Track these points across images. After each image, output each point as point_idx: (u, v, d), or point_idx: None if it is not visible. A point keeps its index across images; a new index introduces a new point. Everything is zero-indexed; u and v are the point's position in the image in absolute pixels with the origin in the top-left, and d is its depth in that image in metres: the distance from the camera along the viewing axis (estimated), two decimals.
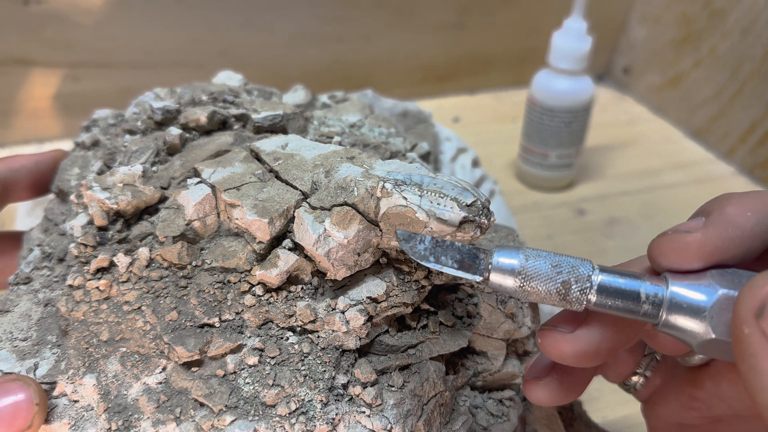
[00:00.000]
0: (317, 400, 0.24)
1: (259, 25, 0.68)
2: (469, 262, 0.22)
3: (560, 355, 0.22)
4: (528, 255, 0.21)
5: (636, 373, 0.28)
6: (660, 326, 0.21)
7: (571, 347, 0.22)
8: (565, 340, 0.22)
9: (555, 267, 0.21)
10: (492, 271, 0.21)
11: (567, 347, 0.22)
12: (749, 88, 0.65)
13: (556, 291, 0.21)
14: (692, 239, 0.20)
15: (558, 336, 0.22)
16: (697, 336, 0.20)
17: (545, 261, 0.21)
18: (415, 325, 0.27)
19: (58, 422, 0.24)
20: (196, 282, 0.25)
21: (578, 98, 0.58)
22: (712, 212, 0.21)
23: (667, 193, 0.63)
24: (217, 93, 0.34)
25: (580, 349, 0.22)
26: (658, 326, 0.21)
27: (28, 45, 0.62)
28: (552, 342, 0.22)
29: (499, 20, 0.77)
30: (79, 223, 0.26)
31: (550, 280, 0.21)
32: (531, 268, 0.21)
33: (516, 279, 0.21)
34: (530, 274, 0.21)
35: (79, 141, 0.32)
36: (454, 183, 0.24)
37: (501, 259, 0.21)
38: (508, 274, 0.21)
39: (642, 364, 0.28)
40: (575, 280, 0.21)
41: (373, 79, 0.75)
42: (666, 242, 0.21)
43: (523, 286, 0.21)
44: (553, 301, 0.21)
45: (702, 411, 0.26)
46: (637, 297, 0.21)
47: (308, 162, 0.27)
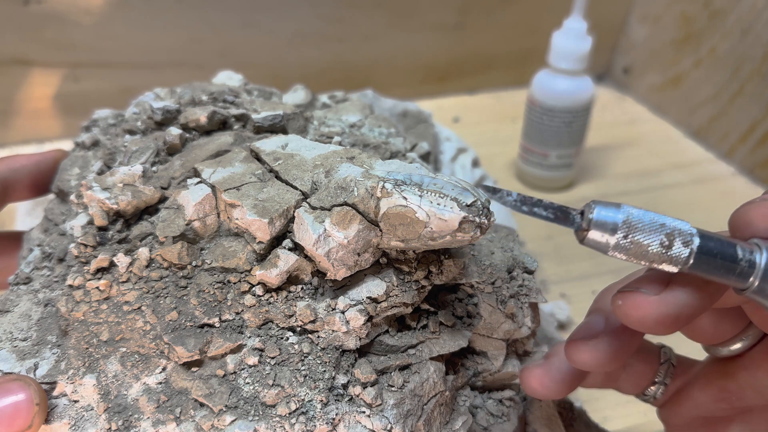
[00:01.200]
0: (317, 400, 0.24)
1: (259, 25, 0.68)
2: (562, 215, 0.21)
3: (642, 319, 0.21)
4: (628, 208, 0.21)
5: (655, 383, 0.28)
6: (749, 291, 0.20)
7: (657, 311, 0.21)
8: (650, 302, 0.21)
9: (658, 220, 0.21)
10: (593, 224, 0.20)
11: (652, 311, 0.21)
12: (749, 88, 0.65)
13: (660, 243, 0.20)
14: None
15: (642, 299, 0.21)
16: None
17: (647, 215, 0.21)
18: (415, 325, 0.27)
19: (58, 422, 0.24)
20: (196, 282, 0.25)
21: (578, 98, 0.58)
22: None
23: (667, 193, 0.63)
24: (217, 93, 0.34)
25: (664, 312, 0.21)
26: (747, 291, 0.20)
27: (28, 45, 0.62)
28: (635, 305, 0.21)
29: (499, 20, 0.77)
30: (79, 223, 0.26)
31: (654, 231, 0.20)
32: (635, 219, 0.20)
33: (619, 232, 0.20)
34: (634, 225, 0.20)
35: (79, 141, 0.32)
36: (454, 183, 0.24)
37: (602, 211, 0.20)
38: (609, 227, 0.20)
39: (660, 372, 0.28)
40: (678, 233, 0.20)
41: (373, 79, 0.75)
42: (755, 208, 0.21)
43: (626, 238, 0.20)
44: (652, 258, 0.20)
45: (732, 402, 0.26)
46: (734, 258, 0.20)
47: (308, 162, 0.27)
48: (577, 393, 0.40)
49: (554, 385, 0.26)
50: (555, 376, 0.26)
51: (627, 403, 0.40)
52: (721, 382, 0.26)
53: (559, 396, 0.27)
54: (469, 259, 0.28)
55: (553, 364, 0.26)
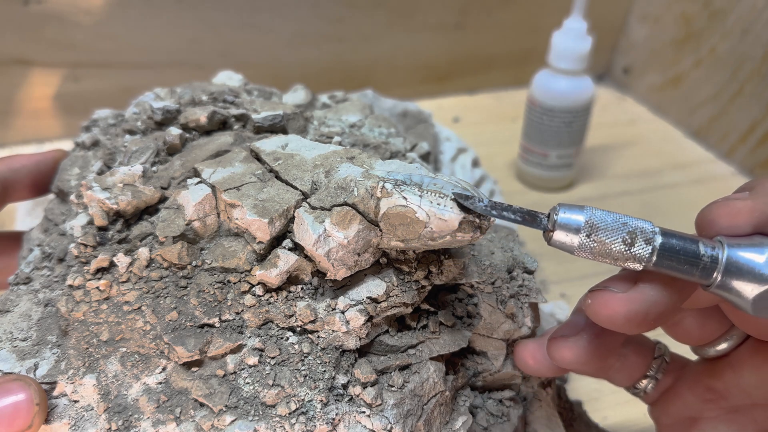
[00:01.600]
0: (317, 400, 0.24)
1: (259, 25, 0.68)
2: (530, 218, 0.22)
3: (611, 316, 0.22)
4: (591, 209, 0.22)
5: (646, 376, 0.28)
6: (713, 287, 0.21)
7: (624, 308, 0.21)
8: (617, 300, 0.22)
9: (619, 220, 0.21)
10: (557, 225, 0.21)
11: (620, 308, 0.21)
12: (749, 88, 0.65)
13: (622, 240, 0.21)
14: (743, 204, 0.21)
15: (610, 296, 0.22)
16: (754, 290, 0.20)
17: (609, 215, 0.22)
18: (415, 325, 0.27)
19: (58, 422, 0.24)
20: (196, 282, 0.25)
21: (578, 98, 0.58)
22: (755, 186, 0.22)
23: (667, 193, 0.63)
24: (217, 93, 0.34)
25: (632, 310, 0.21)
26: (711, 287, 0.21)
27: (28, 45, 0.62)
28: (603, 302, 0.22)
29: (499, 20, 0.77)
30: (79, 223, 0.26)
31: (616, 231, 0.21)
32: (597, 219, 0.21)
33: (582, 232, 0.21)
34: (597, 225, 0.21)
35: (79, 141, 0.32)
36: (454, 183, 0.24)
37: (565, 214, 0.21)
38: (573, 228, 0.21)
39: (653, 366, 0.28)
40: (640, 232, 0.21)
41: (373, 79, 0.75)
42: (718, 208, 0.22)
43: (590, 237, 0.21)
44: (616, 256, 0.21)
45: (719, 402, 0.26)
46: (696, 255, 0.21)
47: (308, 162, 0.27)
48: (577, 393, 0.40)
49: (546, 361, 0.26)
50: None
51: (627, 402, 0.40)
52: (709, 381, 0.26)
53: (549, 374, 0.27)
54: (469, 259, 0.28)
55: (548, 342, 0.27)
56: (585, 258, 0.22)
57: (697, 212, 0.23)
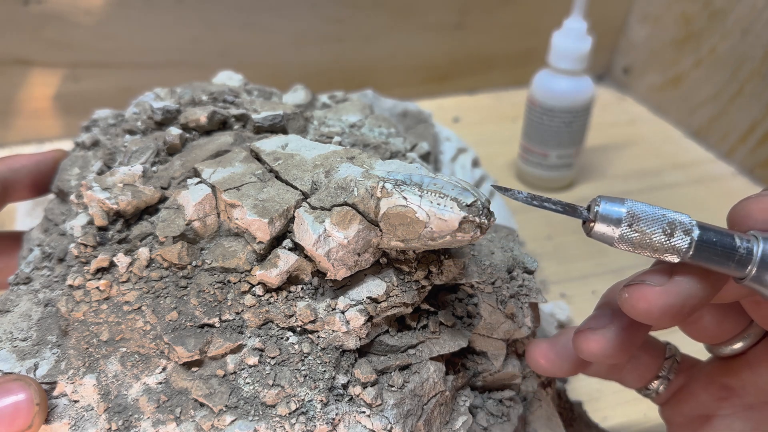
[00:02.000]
0: (317, 400, 0.24)
1: (259, 25, 0.68)
2: (570, 209, 0.22)
3: (648, 310, 0.22)
4: (632, 201, 0.22)
5: (658, 377, 0.28)
6: (747, 279, 0.21)
7: (662, 300, 0.21)
8: (655, 293, 0.22)
9: (659, 212, 0.22)
10: (599, 217, 0.21)
11: (658, 301, 0.21)
12: (749, 88, 0.65)
13: (662, 231, 0.21)
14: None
15: (648, 290, 0.22)
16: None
17: (649, 207, 0.22)
18: (415, 325, 0.27)
19: (58, 422, 0.24)
20: (196, 282, 0.25)
21: (578, 98, 0.58)
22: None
23: (667, 193, 0.63)
24: (217, 93, 0.34)
25: (669, 302, 0.21)
26: (745, 279, 0.21)
27: (28, 45, 0.62)
28: (642, 296, 0.22)
29: (499, 20, 0.77)
30: (79, 223, 0.26)
31: (656, 222, 0.21)
32: (638, 210, 0.21)
33: (623, 223, 0.21)
34: (638, 216, 0.21)
35: (79, 141, 0.32)
36: (454, 183, 0.24)
37: (606, 205, 0.22)
38: (614, 219, 0.21)
39: (664, 367, 0.28)
40: (679, 224, 0.21)
41: (373, 79, 0.75)
42: (753, 203, 0.22)
43: (631, 228, 0.21)
44: (656, 246, 0.21)
45: (733, 400, 0.26)
46: (732, 247, 0.21)
47: (308, 162, 0.27)
48: (577, 393, 0.40)
49: (559, 361, 0.26)
50: (560, 352, 0.27)
51: (627, 403, 0.41)
52: (724, 380, 0.26)
53: (561, 374, 0.27)
54: (469, 259, 0.28)
55: (560, 342, 0.27)
56: (623, 250, 0.22)
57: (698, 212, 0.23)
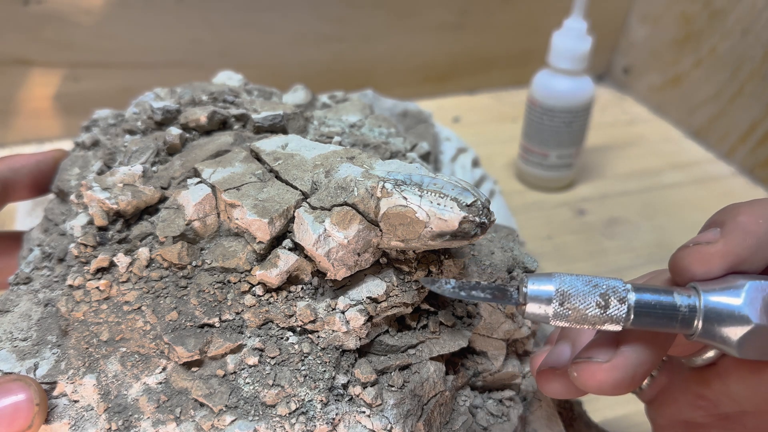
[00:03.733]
0: (317, 400, 0.24)
1: (259, 25, 0.68)
2: (500, 294, 0.22)
3: (599, 386, 0.22)
4: (560, 276, 0.21)
5: None
6: (696, 335, 0.21)
7: (611, 376, 0.21)
8: (603, 370, 0.22)
9: (589, 283, 0.21)
10: (528, 298, 0.21)
11: (606, 377, 0.21)
12: (749, 88, 0.65)
13: (596, 304, 0.21)
14: (715, 249, 0.21)
15: (595, 368, 0.22)
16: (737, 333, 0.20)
17: (578, 279, 0.21)
18: (415, 325, 0.27)
19: (58, 422, 0.24)
20: (196, 282, 0.25)
21: (578, 98, 0.58)
22: (725, 222, 0.22)
23: (667, 193, 0.63)
24: (217, 93, 0.34)
25: (619, 377, 0.21)
26: (694, 336, 0.21)
27: (28, 45, 0.62)
28: (590, 375, 0.22)
29: (499, 20, 0.77)
30: (79, 223, 0.26)
31: (588, 294, 0.21)
32: (567, 286, 0.21)
33: (554, 301, 0.21)
34: (568, 293, 0.21)
35: (79, 141, 0.32)
36: (454, 183, 0.24)
37: (534, 285, 0.21)
38: (545, 299, 0.21)
39: None
40: (612, 292, 0.21)
41: (373, 79, 0.75)
42: (690, 254, 0.22)
43: (563, 305, 0.21)
44: (592, 321, 0.21)
45: (709, 409, 0.26)
46: (673, 306, 0.21)
47: (308, 162, 0.27)
48: None
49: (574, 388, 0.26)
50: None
51: (627, 402, 0.41)
52: (698, 389, 0.26)
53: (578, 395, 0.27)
54: (469, 259, 0.28)
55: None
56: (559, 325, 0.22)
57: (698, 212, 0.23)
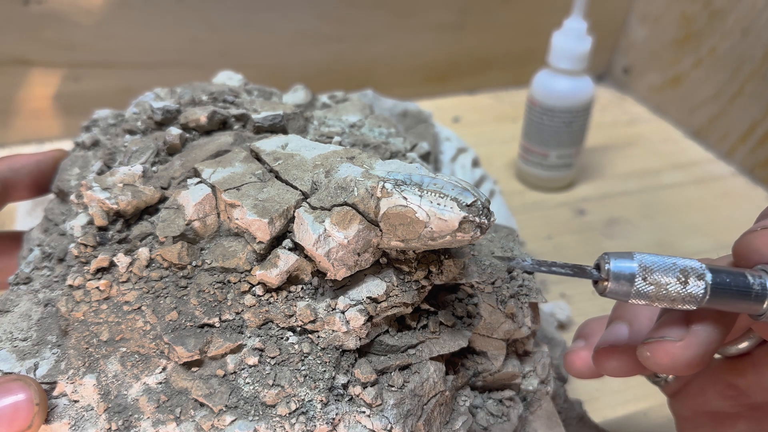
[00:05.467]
0: (317, 400, 0.24)
1: (259, 25, 0.68)
2: (579, 270, 0.22)
3: (672, 366, 0.22)
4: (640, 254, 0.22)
5: None
6: (765, 317, 0.21)
7: (686, 355, 0.22)
8: (677, 348, 0.22)
9: (669, 260, 0.22)
10: (612, 275, 0.21)
11: (681, 356, 0.22)
12: (749, 88, 0.65)
13: (677, 279, 0.21)
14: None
15: (669, 346, 0.22)
16: None
17: (658, 258, 0.22)
18: (415, 325, 0.27)
19: (58, 422, 0.24)
20: (196, 282, 0.25)
21: (578, 98, 0.58)
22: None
23: (667, 193, 0.63)
24: (217, 93, 0.34)
25: (692, 354, 0.22)
26: (763, 316, 0.21)
27: (28, 45, 0.62)
28: (664, 353, 0.22)
29: (499, 20, 0.77)
30: (79, 223, 0.26)
31: (669, 270, 0.21)
32: (649, 262, 0.21)
33: (637, 277, 0.21)
34: (650, 268, 0.21)
35: (79, 141, 0.32)
36: (454, 183, 0.24)
37: (617, 261, 0.22)
38: (627, 275, 0.21)
39: None
40: (691, 270, 0.21)
41: (373, 79, 0.75)
42: (758, 237, 0.22)
43: (646, 281, 0.21)
44: (673, 296, 0.21)
45: (740, 399, 0.26)
46: (747, 286, 0.21)
47: (308, 162, 0.27)
48: (577, 393, 0.40)
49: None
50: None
51: (627, 403, 0.41)
52: (730, 379, 0.26)
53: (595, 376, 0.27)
54: (469, 259, 0.28)
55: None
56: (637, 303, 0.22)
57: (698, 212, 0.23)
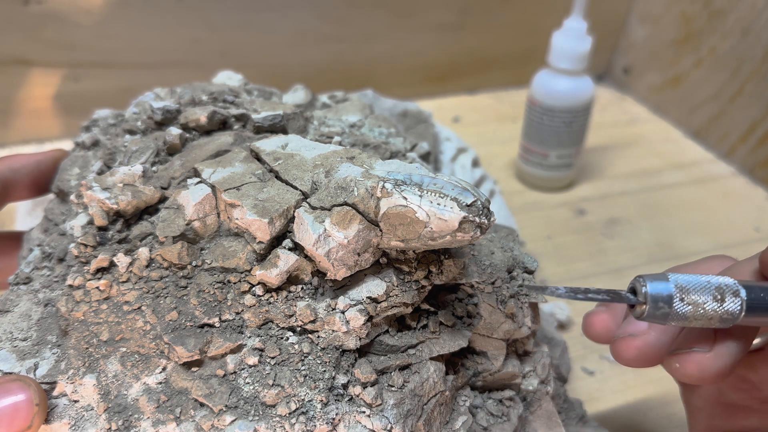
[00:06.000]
0: (317, 400, 0.24)
1: (259, 25, 0.68)
2: (615, 295, 0.23)
3: (701, 376, 0.22)
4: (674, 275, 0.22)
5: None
6: None
7: (713, 365, 0.22)
8: (707, 360, 0.22)
9: (703, 279, 0.22)
10: (650, 297, 0.22)
11: (710, 367, 0.22)
12: (749, 88, 0.65)
13: (713, 298, 0.21)
14: None
15: (699, 357, 0.22)
16: None
17: (693, 277, 0.22)
18: (415, 325, 0.27)
19: (58, 422, 0.24)
20: (196, 282, 0.25)
21: (578, 98, 0.58)
22: None
23: (667, 193, 0.63)
24: (217, 93, 0.34)
25: (721, 365, 0.22)
26: None
27: (28, 45, 0.62)
28: (694, 364, 0.22)
29: (499, 20, 0.77)
30: (79, 223, 0.26)
31: (705, 288, 0.21)
32: (685, 282, 0.22)
33: (675, 298, 0.21)
34: (687, 288, 0.21)
35: (79, 141, 0.32)
36: (454, 183, 0.24)
37: (653, 283, 0.22)
38: (665, 296, 0.21)
39: None
40: (725, 287, 0.21)
41: (373, 79, 0.74)
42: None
43: (683, 301, 0.21)
44: (710, 315, 0.21)
45: (752, 392, 0.26)
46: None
47: (308, 162, 0.27)
48: (577, 393, 0.40)
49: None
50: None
51: (627, 403, 0.41)
52: (743, 372, 0.26)
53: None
54: (469, 259, 0.28)
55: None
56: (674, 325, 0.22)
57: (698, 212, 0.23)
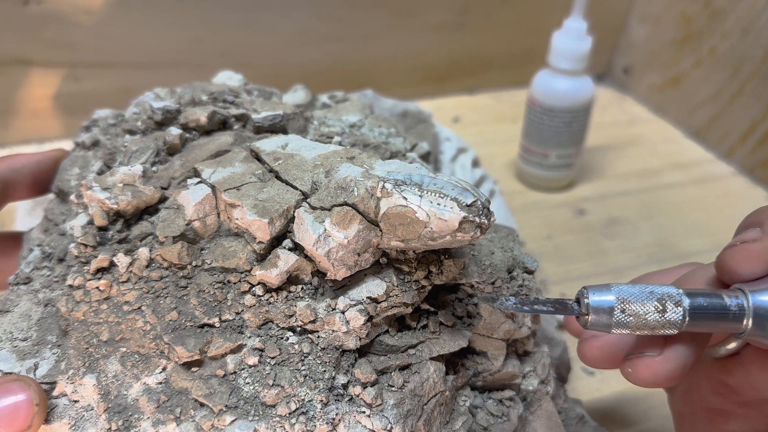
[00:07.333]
0: (317, 400, 0.24)
1: (259, 25, 0.68)
2: (561, 306, 0.23)
3: (653, 379, 0.23)
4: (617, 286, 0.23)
5: None
6: (746, 334, 0.22)
7: (663, 368, 0.23)
8: (657, 363, 0.23)
9: (645, 290, 0.22)
10: (591, 309, 0.22)
11: (661, 369, 0.23)
12: (749, 88, 0.65)
13: (654, 309, 0.22)
14: (759, 248, 0.22)
15: (649, 361, 0.23)
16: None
17: (635, 288, 0.23)
18: (415, 325, 0.27)
19: (58, 422, 0.24)
20: (196, 282, 0.25)
21: (578, 98, 0.58)
22: (763, 223, 0.23)
23: (667, 193, 0.63)
24: (217, 93, 0.34)
25: (671, 368, 0.23)
26: (744, 334, 0.22)
27: (28, 45, 0.62)
28: (645, 368, 0.23)
29: (499, 20, 0.77)
30: (79, 223, 0.26)
31: (646, 300, 0.22)
32: (626, 294, 0.22)
33: (616, 309, 0.22)
34: (627, 300, 0.22)
35: (79, 141, 0.32)
36: (454, 183, 0.24)
37: (595, 296, 0.22)
38: (606, 308, 0.22)
39: None
40: (668, 297, 0.22)
41: (373, 79, 0.74)
42: (737, 254, 0.23)
43: (624, 313, 0.22)
44: (652, 325, 0.22)
45: (731, 397, 0.27)
46: (723, 308, 0.22)
47: (308, 162, 0.27)
48: (577, 393, 0.40)
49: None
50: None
51: (627, 403, 0.41)
52: (722, 377, 0.27)
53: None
54: (469, 259, 0.28)
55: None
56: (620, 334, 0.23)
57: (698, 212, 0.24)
